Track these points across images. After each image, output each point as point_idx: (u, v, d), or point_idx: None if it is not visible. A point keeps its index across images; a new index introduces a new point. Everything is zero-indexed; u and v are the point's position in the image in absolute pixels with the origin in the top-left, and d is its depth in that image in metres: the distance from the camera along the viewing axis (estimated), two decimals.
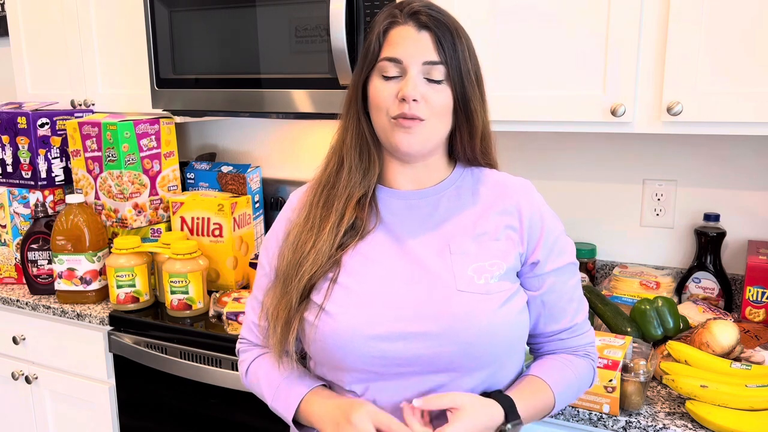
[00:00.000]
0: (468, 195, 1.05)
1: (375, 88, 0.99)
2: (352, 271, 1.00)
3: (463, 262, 0.99)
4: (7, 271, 2.03)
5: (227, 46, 1.73)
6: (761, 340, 1.39)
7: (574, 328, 1.07)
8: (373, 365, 0.96)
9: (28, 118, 1.96)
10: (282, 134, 2.21)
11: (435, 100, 0.97)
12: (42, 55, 2.18)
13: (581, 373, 1.07)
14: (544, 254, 1.03)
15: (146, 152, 1.92)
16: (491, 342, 0.96)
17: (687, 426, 1.15)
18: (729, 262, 1.65)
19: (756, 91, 1.27)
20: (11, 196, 2.00)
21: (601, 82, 1.39)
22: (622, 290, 1.61)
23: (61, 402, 1.93)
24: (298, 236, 1.03)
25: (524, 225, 1.03)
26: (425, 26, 0.97)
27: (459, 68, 0.97)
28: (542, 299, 1.04)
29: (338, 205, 1.02)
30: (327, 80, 1.61)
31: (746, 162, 1.62)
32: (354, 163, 1.03)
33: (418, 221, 1.03)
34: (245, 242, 1.92)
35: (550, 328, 1.06)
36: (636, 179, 1.74)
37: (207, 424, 1.66)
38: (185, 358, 1.63)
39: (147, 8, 1.82)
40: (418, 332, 0.95)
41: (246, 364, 1.12)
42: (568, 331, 1.07)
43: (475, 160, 1.07)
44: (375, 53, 0.99)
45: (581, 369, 1.07)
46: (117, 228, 1.93)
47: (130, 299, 1.76)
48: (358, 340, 0.96)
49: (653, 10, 1.33)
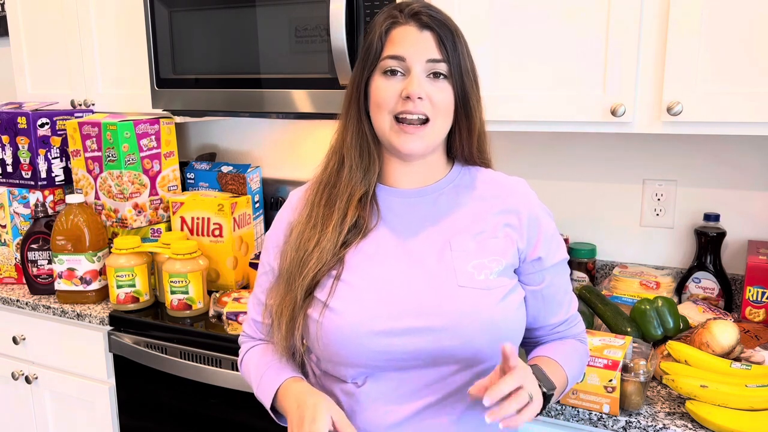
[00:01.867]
0: (466, 193, 1.07)
1: (377, 87, 1.00)
2: (355, 268, 1.02)
3: (464, 258, 1.01)
4: (7, 271, 2.03)
5: (227, 46, 1.73)
6: (761, 340, 1.39)
7: (569, 319, 1.12)
8: (376, 360, 0.98)
9: (28, 118, 1.96)
10: (282, 134, 2.21)
11: (438, 98, 0.99)
12: (42, 55, 2.18)
13: (581, 353, 1.12)
14: (545, 250, 1.05)
15: (146, 152, 1.92)
16: (492, 336, 0.98)
17: (687, 426, 1.15)
18: (729, 262, 1.65)
19: (756, 91, 1.27)
20: (11, 196, 2.00)
21: (601, 82, 1.39)
22: (622, 290, 1.61)
23: (61, 402, 1.93)
24: (300, 235, 1.05)
25: (523, 223, 1.05)
26: (427, 26, 0.99)
27: (460, 66, 1.00)
28: (543, 293, 1.07)
29: (340, 203, 1.03)
30: (327, 80, 1.61)
31: (746, 162, 1.62)
32: (355, 162, 1.04)
33: (418, 219, 1.05)
34: (245, 242, 1.92)
35: (551, 321, 1.10)
36: (636, 179, 1.74)
37: (207, 424, 1.66)
38: (185, 358, 1.63)
39: (147, 8, 1.82)
40: (421, 327, 0.97)
41: (241, 355, 1.16)
42: (565, 323, 1.12)
43: (472, 158, 1.09)
44: (377, 53, 1.00)
45: (580, 350, 1.12)
46: (117, 228, 1.93)
47: (130, 299, 1.76)
48: (361, 336, 0.97)
49: (653, 10, 1.33)
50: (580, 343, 1.14)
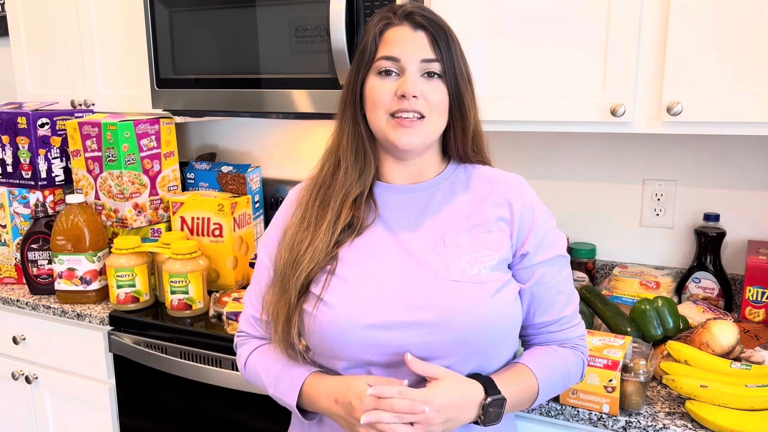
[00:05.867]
0: (461, 189, 1.08)
1: (372, 87, 1.01)
2: (350, 263, 1.03)
3: (457, 253, 1.01)
4: (7, 271, 2.03)
5: (227, 46, 1.73)
6: (761, 340, 1.39)
7: (563, 320, 1.09)
8: (369, 353, 0.99)
9: (28, 118, 1.96)
10: (282, 134, 2.21)
11: (433, 96, 1.00)
12: (42, 55, 2.18)
13: (568, 363, 1.08)
14: (534, 246, 1.05)
15: (146, 152, 1.92)
16: (484, 330, 0.98)
17: (687, 426, 1.15)
18: (729, 262, 1.65)
19: (756, 90, 1.27)
20: (11, 196, 2.00)
21: (601, 82, 1.39)
22: (622, 290, 1.61)
23: (61, 402, 1.93)
24: (293, 236, 1.06)
25: (515, 217, 1.05)
26: (421, 26, 1.01)
27: (453, 66, 1.01)
28: (531, 290, 1.06)
29: (335, 204, 1.04)
30: (327, 80, 1.61)
31: (746, 162, 1.62)
32: (350, 164, 1.05)
33: (413, 215, 1.06)
34: (245, 242, 1.92)
35: (540, 320, 1.08)
36: (636, 179, 1.74)
37: (207, 424, 1.66)
38: (185, 358, 1.63)
39: (147, 8, 1.82)
40: (413, 321, 0.97)
41: (244, 357, 1.14)
42: (557, 324, 1.09)
43: (467, 157, 1.09)
44: (371, 54, 1.02)
45: (568, 359, 1.08)
46: (117, 228, 1.93)
47: (130, 299, 1.76)
48: (354, 329, 0.98)
49: (653, 9, 1.33)
50: (571, 350, 1.09)
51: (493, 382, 0.99)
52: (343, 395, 0.97)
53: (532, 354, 1.08)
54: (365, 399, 0.93)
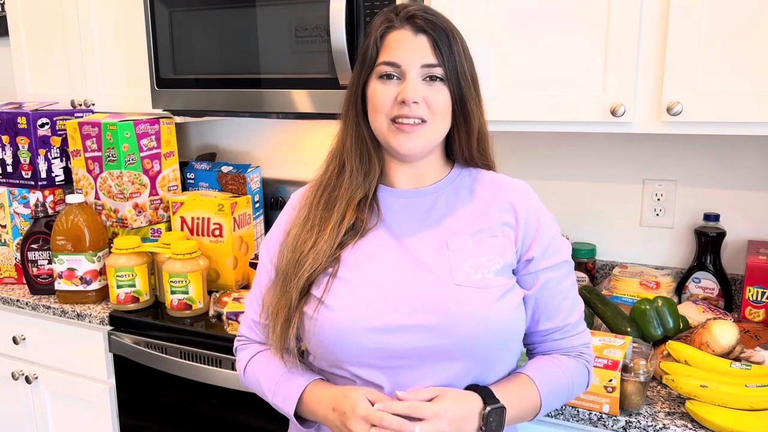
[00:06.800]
0: (466, 194, 1.07)
1: (373, 92, 1.01)
2: (352, 266, 1.02)
3: (461, 258, 1.00)
4: (7, 271, 2.03)
5: (227, 46, 1.73)
6: (761, 340, 1.39)
7: (567, 327, 1.07)
8: (370, 357, 0.98)
9: (28, 118, 1.96)
10: (282, 134, 2.21)
11: (435, 101, 0.99)
12: (42, 55, 2.18)
13: (572, 373, 1.06)
14: (539, 252, 1.04)
15: (146, 152, 1.92)
16: (487, 335, 0.97)
17: (687, 426, 1.15)
18: (729, 262, 1.65)
19: (756, 90, 1.27)
20: (11, 196, 2.00)
21: (601, 82, 1.39)
22: (622, 290, 1.61)
23: (61, 402, 1.93)
24: (297, 236, 1.05)
25: (520, 222, 1.04)
26: (422, 29, 0.99)
27: (456, 70, 0.99)
28: (536, 296, 1.05)
29: (339, 206, 1.04)
30: (327, 80, 1.61)
31: (746, 162, 1.62)
32: (355, 166, 1.05)
33: (416, 219, 1.05)
34: (245, 242, 1.92)
35: (544, 327, 1.07)
36: (636, 179, 1.74)
37: (207, 424, 1.66)
38: (185, 358, 1.63)
39: (147, 8, 1.82)
40: (415, 325, 0.96)
41: (243, 362, 1.13)
42: (561, 331, 1.07)
43: (472, 160, 1.08)
44: (372, 58, 1.01)
45: (572, 369, 1.06)
46: (117, 228, 1.93)
47: (130, 299, 1.76)
48: (355, 332, 0.97)
49: (653, 9, 1.33)
50: (575, 360, 1.08)
51: (491, 392, 0.98)
52: (340, 404, 0.96)
53: (533, 364, 1.07)
54: (358, 409, 0.93)
